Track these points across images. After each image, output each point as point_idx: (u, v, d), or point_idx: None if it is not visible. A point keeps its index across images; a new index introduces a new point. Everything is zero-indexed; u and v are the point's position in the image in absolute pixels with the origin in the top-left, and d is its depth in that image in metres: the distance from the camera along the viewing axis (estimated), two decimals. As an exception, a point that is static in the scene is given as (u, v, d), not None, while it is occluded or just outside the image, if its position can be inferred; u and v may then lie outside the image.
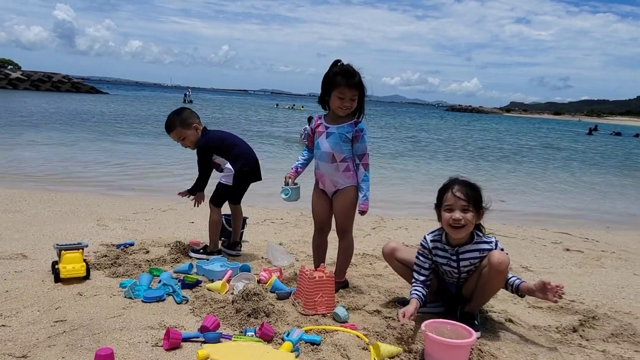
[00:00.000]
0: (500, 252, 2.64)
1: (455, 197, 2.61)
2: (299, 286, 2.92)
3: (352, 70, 2.92)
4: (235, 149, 3.71)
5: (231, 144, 3.74)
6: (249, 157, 3.74)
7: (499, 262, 2.58)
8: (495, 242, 2.71)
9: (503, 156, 17.54)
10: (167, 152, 11.44)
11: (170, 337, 2.23)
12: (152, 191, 7.35)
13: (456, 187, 2.64)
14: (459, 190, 2.62)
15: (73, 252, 3.06)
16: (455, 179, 2.73)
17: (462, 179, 2.72)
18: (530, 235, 5.56)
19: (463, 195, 2.61)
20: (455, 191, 2.62)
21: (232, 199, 3.85)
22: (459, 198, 2.60)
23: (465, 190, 2.63)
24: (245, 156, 3.72)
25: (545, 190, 10.35)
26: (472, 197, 2.63)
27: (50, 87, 48.12)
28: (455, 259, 2.73)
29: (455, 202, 2.61)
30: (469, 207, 2.61)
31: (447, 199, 2.65)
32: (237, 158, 3.68)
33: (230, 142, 3.76)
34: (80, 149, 11.42)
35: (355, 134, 3.00)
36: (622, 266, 4.45)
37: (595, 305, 3.29)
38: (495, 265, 2.58)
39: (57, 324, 2.43)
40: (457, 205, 2.61)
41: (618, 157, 21.57)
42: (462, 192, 2.62)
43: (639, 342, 2.71)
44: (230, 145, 3.73)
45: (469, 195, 2.62)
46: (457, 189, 2.63)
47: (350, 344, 2.42)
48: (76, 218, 4.81)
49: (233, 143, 3.75)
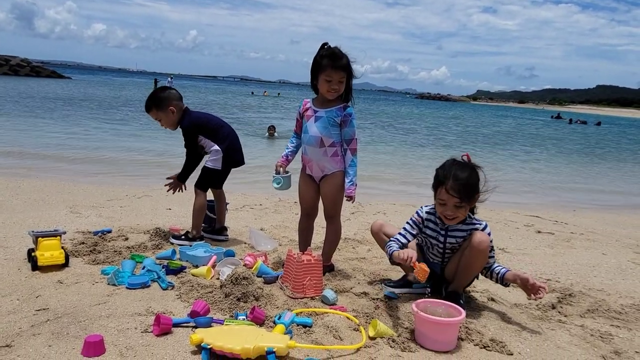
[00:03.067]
0: (481, 232, 2.70)
1: (448, 195, 2.58)
2: (286, 270, 2.92)
3: (339, 52, 2.90)
4: (222, 129, 3.65)
5: (217, 125, 3.68)
6: (236, 139, 3.69)
7: (479, 242, 2.65)
8: (485, 225, 2.76)
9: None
10: (138, 138, 11.15)
11: (161, 323, 2.19)
12: (125, 177, 7.15)
13: (450, 184, 2.57)
14: (453, 188, 2.57)
15: (50, 239, 2.95)
16: (453, 165, 2.65)
17: (459, 169, 2.62)
18: (503, 219, 5.72)
19: (456, 194, 2.56)
20: (449, 189, 2.57)
21: (216, 183, 3.79)
22: (452, 196, 2.58)
23: (460, 188, 2.57)
24: (232, 138, 3.67)
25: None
26: (466, 194, 2.59)
27: (8, 71, 45.82)
28: (443, 234, 2.79)
29: (449, 199, 2.60)
30: (462, 204, 2.61)
31: (441, 194, 2.62)
32: (225, 139, 3.62)
33: (216, 123, 3.69)
34: (45, 133, 10.96)
35: (344, 118, 2.98)
36: (591, 247, 4.65)
37: (570, 284, 3.43)
38: (476, 244, 2.65)
39: (40, 313, 2.35)
40: (450, 202, 2.60)
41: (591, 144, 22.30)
42: (455, 190, 2.56)
43: (614, 317, 2.85)
44: (217, 126, 3.66)
45: (462, 192, 2.57)
46: (451, 186, 2.57)
47: (341, 325, 2.43)
48: (47, 205, 4.63)
49: (219, 124, 3.69)
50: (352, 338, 2.33)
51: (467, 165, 2.69)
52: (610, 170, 13.01)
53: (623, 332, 2.65)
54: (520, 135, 23.79)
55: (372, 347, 2.26)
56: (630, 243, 4.90)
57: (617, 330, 2.67)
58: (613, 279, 3.64)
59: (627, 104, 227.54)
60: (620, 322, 2.79)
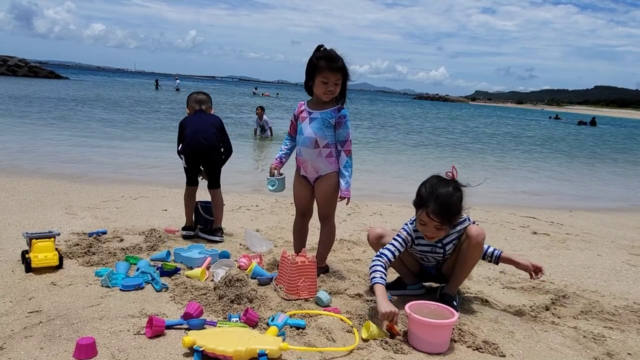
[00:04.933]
0: (476, 226, 2.73)
1: (429, 219, 2.57)
2: (281, 271, 2.92)
3: (335, 54, 2.90)
4: (185, 130, 3.84)
5: (185, 126, 3.86)
6: (192, 140, 3.80)
7: (477, 234, 2.67)
8: (468, 218, 2.76)
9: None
10: (137, 140, 11.14)
11: (154, 325, 2.19)
12: (121, 179, 7.14)
13: (432, 208, 2.53)
14: (434, 212, 2.53)
15: (44, 241, 2.95)
16: (435, 189, 2.57)
17: (442, 190, 2.56)
18: (499, 220, 5.73)
19: (437, 219, 2.55)
20: (430, 212, 2.54)
21: (188, 179, 3.96)
22: (432, 220, 2.56)
23: (441, 212, 2.53)
24: (188, 138, 3.81)
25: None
26: (447, 218, 2.57)
27: (6, 72, 45.67)
28: (440, 246, 2.79)
29: (429, 222, 2.59)
30: (442, 227, 2.61)
31: (422, 216, 2.60)
32: (184, 139, 3.82)
33: (186, 125, 3.88)
34: (41, 135, 10.94)
35: (338, 119, 2.99)
36: (586, 248, 4.66)
37: (564, 285, 3.44)
38: (474, 237, 2.66)
39: (32, 315, 2.34)
40: (431, 224, 2.59)
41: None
42: (437, 214, 2.53)
43: (607, 319, 2.85)
44: (184, 127, 3.86)
45: (443, 217, 2.55)
46: (432, 209, 2.53)
47: (334, 327, 2.44)
48: (43, 207, 4.63)
49: (186, 125, 3.87)
50: (345, 340, 2.34)
51: (449, 183, 2.62)
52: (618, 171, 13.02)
53: (616, 334, 2.66)
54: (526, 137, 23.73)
55: (365, 349, 2.26)
56: (625, 244, 4.91)
57: (610, 332, 2.68)
58: (607, 281, 3.65)
59: (625, 105, 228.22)
60: (614, 323, 2.80)
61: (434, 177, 2.69)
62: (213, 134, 3.81)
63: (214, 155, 3.87)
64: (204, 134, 3.78)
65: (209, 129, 3.82)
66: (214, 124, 3.86)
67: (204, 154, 3.83)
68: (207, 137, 3.78)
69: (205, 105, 3.98)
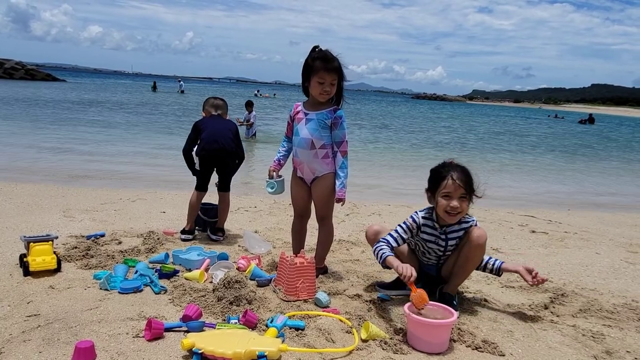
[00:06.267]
0: (478, 228, 2.76)
1: (455, 185, 2.63)
2: (279, 272, 2.91)
3: (331, 55, 2.91)
4: (202, 133, 3.84)
5: (202, 129, 3.86)
6: (209, 143, 3.81)
7: (478, 236, 2.69)
8: (475, 221, 2.81)
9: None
10: (133, 141, 11.12)
11: (153, 328, 2.19)
12: (119, 181, 7.13)
13: (456, 175, 2.64)
14: (459, 178, 2.64)
15: (42, 244, 2.94)
16: (452, 163, 2.75)
17: (459, 165, 2.73)
18: (497, 219, 5.73)
19: (463, 184, 2.63)
20: (456, 179, 2.63)
21: (199, 184, 3.96)
22: (459, 186, 2.63)
23: (465, 178, 2.66)
24: (205, 141, 3.81)
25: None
26: (469, 185, 2.68)
27: (3, 75, 45.56)
28: (443, 238, 2.81)
29: (455, 190, 2.64)
30: (466, 196, 2.67)
31: (447, 186, 2.66)
32: (200, 142, 3.83)
33: (203, 127, 3.87)
34: (39, 137, 10.92)
35: (334, 120, 2.99)
36: (584, 246, 4.67)
37: (563, 283, 3.44)
38: (475, 239, 2.69)
39: (31, 319, 2.34)
40: (456, 193, 2.64)
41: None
42: (461, 180, 2.64)
43: (606, 317, 2.86)
44: (201, 130, 3.86)
45: (467, 184, 2.66)
46: (457, 176, 2.64)
47: (334, 328, 2.44)
48: (40, 210, 4.61)
49: (203, 128, 3.86)
50: (345, 340, 2.34)
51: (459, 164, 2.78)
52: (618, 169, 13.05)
53: (615, 332, 2.66)
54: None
55: (364, 349, 2.26)
56: (623, 242, 4.92)
57: (609, 330, 2.68)
58: (606, 279, 3.65)
59: (621, 103, 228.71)
60: (612, 321, 2.80)
61: (442, 161, 2.82)
62: (230, 139, 3.87)
63: (229, 160, 3.92)
64: (222, 138, 3.83)
65: (226, 133, 3.87)
66: (231, 129, 3.94)
67: (220, 158, 3.86)
68: (224, 142, 3.83)
69: (222, 111, 4.06)
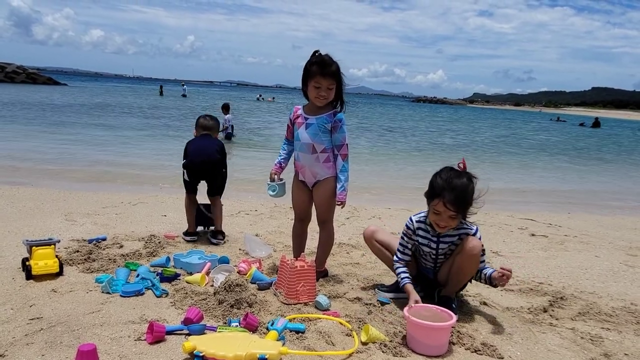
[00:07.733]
0: (473, 237, 2.72)
1: (445, 208, 2.59)
2: (280, 276, 2.93)
3: (329, 60, 2.92)
4: (188, 147, 4.02)
5: (189, 145, 4.04)
6: (194, 154, 3.96)
7: (471, 247, 2.67)
8: (476, 230, 2.77)
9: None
10: (136, 145, 11.14)
11: (154, 331, 2.21)
12: (120, 185, 7.16)
13: (448, 198, 2.56)
14: (450, 202, 2.56)
15: (44, 248, 2.97)
16: (450, 179, 2.61)
17: (457, 180, 2.60)
18: (497, 222, 5.74)
19: (453, 208, 2.57)
20: (447, 202, 2.57)
21: (188, 189, 4.08)
22: (448, 209, 2.59)
23: (457, 202, 2.57)
24: (192, 154, 3.95)
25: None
26: (462, 207, 2.61)
27: (4, 78, 45.69)
28: (435, 241, 2.82)
29: (444, 211, 2.61)
30: (457, 216, 2.64)
31: (437, 206, 2.62)
32: (187, 156, 3.99)
33: (191, 144, 4.04)
34: (40, 142, 10.96)
35: (334, 124, 3.01)
36: (584, 249, 4.68)
37: (562, 287, 3.46)
38: (468, 250, 2.67)
39: (33, 322, 2.36)
40: (446, 214, 2.62)
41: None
42: (453, 204, 2.56)
43: (605, 320, 2.87)
44: (189, 146, 4.03)
45: (459, 206, 2.59)
46: (448, 199, 2.56)
47: (334, 330, 2.46)
48: (42, 214, 4.64)
49: (190, 144, 4.04)
50: (345, 343, 2.35)
51: (463, 175, 2.66)
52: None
53: (613, 335, 2.68)
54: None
55: (364, 352, 2.28)
56: (623, 245, 4.93)
57: (608, 333, 2.70)
58: (605, 282, 3.67)
59: (622, 106, 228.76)
60: (611, 324, 2.82)
61: (447, 168, 2.73)
62: (215, 151, 3.99)
63: (214, 169, 4.01)
64: (206, 150, 3.98)
65: (211, 146, 4.01)
66: (217, 144, 4.07)
67: (205, 168, 3.98)
68: (209, 152, 3.96)
69: (212, 131, 4.19)
